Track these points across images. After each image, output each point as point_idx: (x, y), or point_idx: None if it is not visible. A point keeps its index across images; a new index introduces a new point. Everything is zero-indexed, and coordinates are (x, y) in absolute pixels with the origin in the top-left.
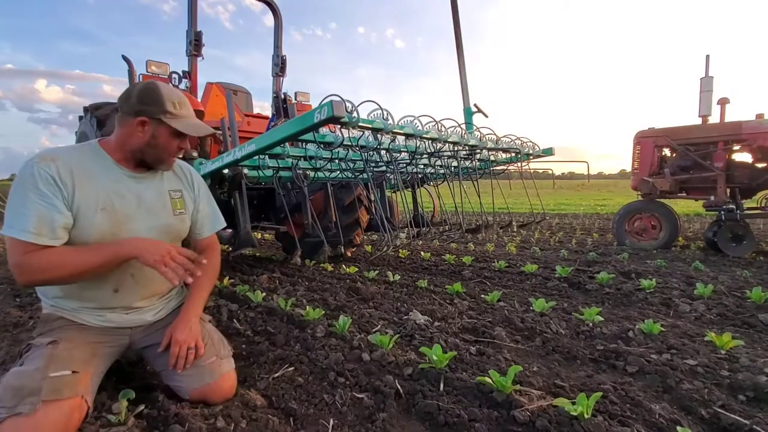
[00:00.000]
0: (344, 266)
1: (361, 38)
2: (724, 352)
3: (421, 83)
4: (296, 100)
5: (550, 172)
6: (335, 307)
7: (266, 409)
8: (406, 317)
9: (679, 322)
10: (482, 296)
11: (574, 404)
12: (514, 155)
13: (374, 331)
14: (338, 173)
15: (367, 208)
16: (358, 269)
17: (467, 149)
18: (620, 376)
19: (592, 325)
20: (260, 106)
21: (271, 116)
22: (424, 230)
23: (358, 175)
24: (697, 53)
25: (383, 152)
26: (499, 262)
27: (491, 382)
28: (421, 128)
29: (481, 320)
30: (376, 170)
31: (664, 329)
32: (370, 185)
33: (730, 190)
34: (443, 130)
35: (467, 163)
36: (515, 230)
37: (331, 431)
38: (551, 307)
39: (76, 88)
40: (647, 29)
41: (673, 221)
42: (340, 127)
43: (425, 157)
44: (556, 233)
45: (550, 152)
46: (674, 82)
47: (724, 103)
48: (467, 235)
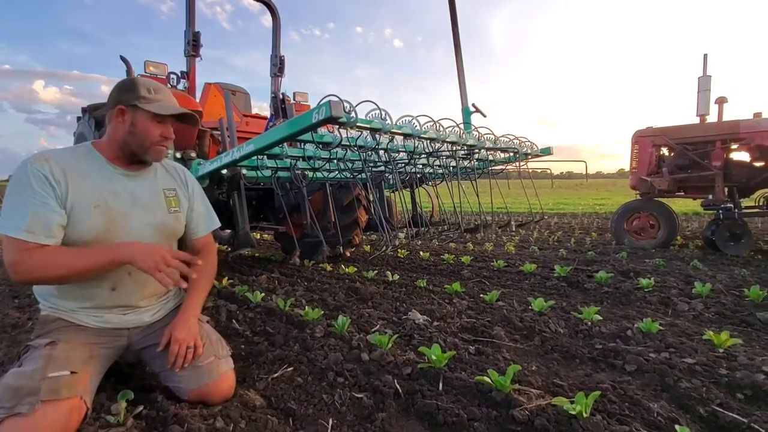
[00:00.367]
0: (343, 266)
1: (359, 38)
2: (722, 350)
3: (419, 83)
4: (295, 100)
5: (548, 171)
6: (334, 307)
7: (265, 409)
8: (405, 317)
9: (677, 320)
10: (481, 296)
11: (572, 403)
12: (512, 155)
13: (373, 330)
14: (337, 173)
15: (365, 208)
16: (357, 269)
17: (465, 149)
18: (619, 374)
19: (590, 324)
20: (259, 106)
21: (269, 116)
22: (422, 230)
23: (356, 175)
24: (695, 52)
25: (382, 152)
26: (497, 261)
27: (490, 381)
28: (419, 128)
29: (480, 320)
30: (374, 170)
31: (662, 328)
32: (368, 185)
33: (728, 189)
34: (441, 129)
35: (466, 162)
36: (514, 230)
37: (330, 431)
38: (550, 306)
39: (73, 88)
40: (645, 28)
41: (671, 220)
42: (338, 127)
43: (424, 156)
44: (554, 233)
45: (548, 152)
46: (672, 81)
47: (721, 102)
48: (466, 234)
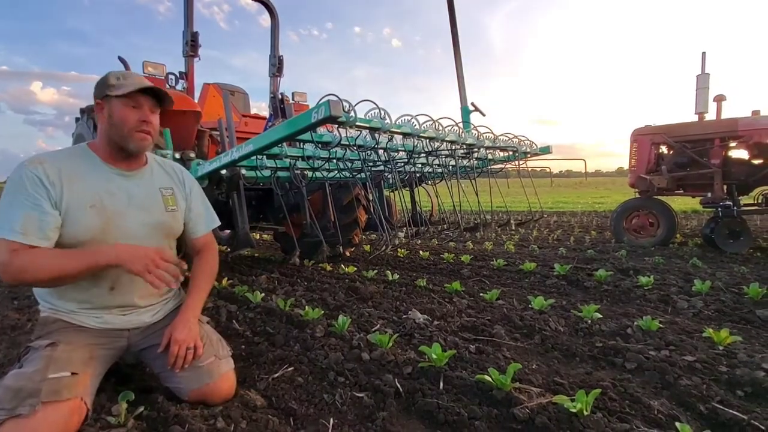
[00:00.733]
0: (343, 266)
1: (357, 38)
2: (722, 347)
3: (418, 82)
4: (293, 100)
5: (547, 170)
6: (334, 306)
7: (266, 409)
8: (405, 316)
9: (677, 318)
10: (481, 295)
11: (573, 401)
12: (511, 154)
13: (373, 330)
14: (336, 173)
15: (365, 207)
16: (356, 269)
17: (465, 148)
18: (619, 372)
19: (590, 322)
20: (257, 106)
21: (268, 116)
22: (422, 229)
23: (356, 174)
24: (693, 51)
25: (381, 152)
26: (497, 260)
27: (491, 380)
28: (418, 127)
29: (480, 318)
30: (374, 170)
31: (662, 326)
32: (368, 185)
33: (726, 186)
34: (441, 129)
35: (465, 161)
36: (513, 228)
37: (331, 431)
38: (550, 304)
39: (71, 89)
40: (644, 27)
41: (670, 218)
42: (337, 126)
43: (423, 156)
44: (554, 231)
45: (547, 150)
46: (671, 79)
47: (720, 100)
48: (465, 233)
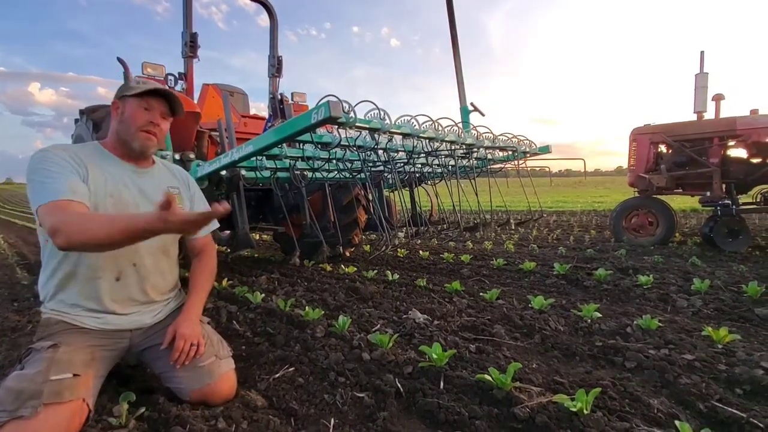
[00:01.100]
0: (343, 266)
1: (355, 38)
2: (721, 346)
3: (417, 82)
4: (293, 100)
5: (547, 169)
6: (335, 307)
7: (267, 409)
8: (405, 316)
9: (676, 317)
10: (481, 294)
11: (573, 400)
12: (510, 153)
13: (374, 330)
14: (336, 173)
15: (365, 207)
16: (356, 269)
17: (464, 148)
18: (619, 371)
19: (590, 321)
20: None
21: (268, 117)
22: (422, 229)
23: (355, 175)
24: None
25: (381, 152)
26: (497, 260)
27: (491, 379)
28: (418, 128)
29: (480, 318)
30: (373, 170)
31: (661, 324)
32: (368, 185)
33: (725, 185)
34: (440, 129)
35: (464, 161)
36: (513, 228)
37: (332, 431)
38: (550, 304)
39: (70, 90)
40: (643, 26)
41: (669, 217)
42: (337, 127)
43: (422, 156)
44: (553, 231)
45: (546, 150)
46: (670, 78)
47: (718, 99)
48: (465, 233)
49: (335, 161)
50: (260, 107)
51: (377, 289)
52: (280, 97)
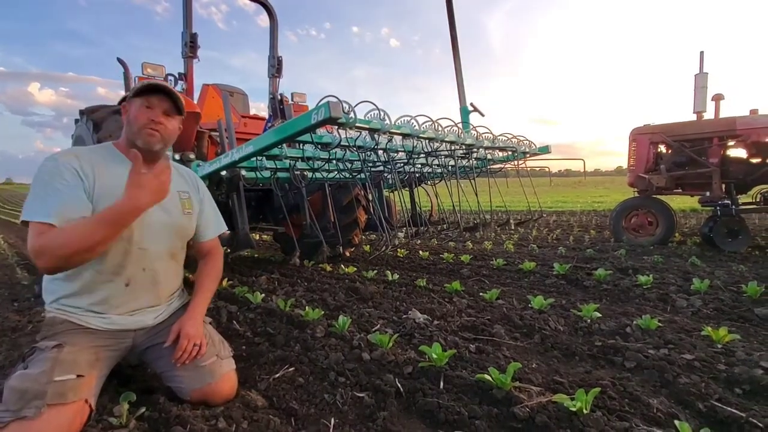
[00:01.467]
0: (343, 266)
1: (355, 38)
2: (720, 346)
3: (417, 82)
4: (293, 100)
5: (546, 169)
6: (334, 307)
7: (267, 409)
8: (405, 316)
9: (676, 317)
10: (481, 294)
11: (573, 400)
12: (510, 154)
13: (374, 330)
14: (336, 173)
15: (365, 208)
16: (356, 269)
17: (464, 148)
18: (618, 371)
19: (590, 321)
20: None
21: (268, 117)
22: (422, 229)
23: (355, 175)
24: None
25: (380, 152)
26: (497, 260)
27: (491, 379)
28: (417, 128)
29: (480, 318)
30: (373, 170)
31: (661, 324)
32: (367, 185)
33: (725, 185)
34: (440, 129)
35: (464, 162)
36: (513, 228)
37: (332, 431)
38: (549, 304)
39: (70, 90)
40: (643, 26)
41: (669, 217)
42: (337, 127)
43: (422, 156)
44: (553, 231)
45: (546, 150)
46: (669, 79)
47: (718, 99)
48: (465, 233)
49: (335, 161)
50: (260, 107)
51: (377, 289)
52: (280, 97)
